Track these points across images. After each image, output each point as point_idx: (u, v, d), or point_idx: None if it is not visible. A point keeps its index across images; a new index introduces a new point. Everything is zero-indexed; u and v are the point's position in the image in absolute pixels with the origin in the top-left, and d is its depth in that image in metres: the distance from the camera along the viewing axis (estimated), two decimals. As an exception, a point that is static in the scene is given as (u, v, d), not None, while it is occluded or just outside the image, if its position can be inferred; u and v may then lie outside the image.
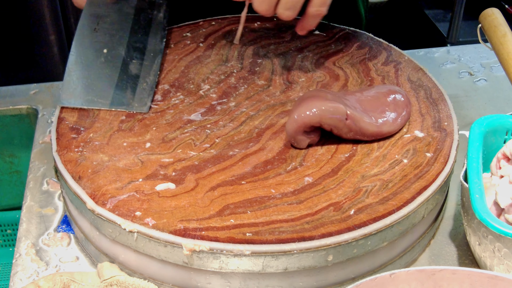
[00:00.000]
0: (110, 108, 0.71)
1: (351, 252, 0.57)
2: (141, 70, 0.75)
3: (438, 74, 0.93)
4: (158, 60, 0.77)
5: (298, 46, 0.83)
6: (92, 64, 0.74)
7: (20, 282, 0.63)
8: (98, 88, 0.72)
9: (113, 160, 0.64)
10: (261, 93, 0.75)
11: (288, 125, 0.64)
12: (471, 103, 0.89)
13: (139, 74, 0.74)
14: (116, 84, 0.72)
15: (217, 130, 0.69)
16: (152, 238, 0.57)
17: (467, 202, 0.61)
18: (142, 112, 0.70)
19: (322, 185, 0.62)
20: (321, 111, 0.63)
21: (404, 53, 0.83)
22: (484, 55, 0.99)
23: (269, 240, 0.56)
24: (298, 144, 0.65)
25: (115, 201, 0.59)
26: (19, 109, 0.88)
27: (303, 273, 0.57)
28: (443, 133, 0.68)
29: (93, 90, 0.71)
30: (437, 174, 0.63)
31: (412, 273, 0.53)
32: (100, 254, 0.63)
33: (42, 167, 0.77)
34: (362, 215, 0.58)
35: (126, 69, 0.74)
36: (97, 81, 0.72)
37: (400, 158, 0.65)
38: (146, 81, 0.74)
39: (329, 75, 0.78)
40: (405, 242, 0.62)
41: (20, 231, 0.69)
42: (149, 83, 0.74)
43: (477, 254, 0.62)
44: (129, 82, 0.73)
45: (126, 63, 0.75)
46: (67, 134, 0.67)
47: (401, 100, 0.69)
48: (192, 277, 0.58)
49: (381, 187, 0.61)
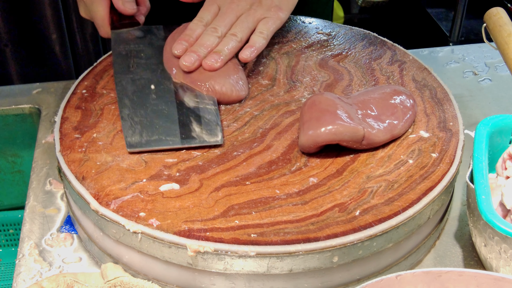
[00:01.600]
0: (182, 145, 0.65)
1: (357, 253, 0.57)
2: (198, 102, 0.70)
3: (442, 73, 0.93)
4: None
5: (302, 45, 0.83)
6: (144, 103, 0.70)
7: (23, 283, 0.63)
8: (161, 126, 0.67)
9: (117, 161, 0.64)
10: (265, 92, 0.75)
11: (303, 139, 0.63)
12: (475, 103, 0.88)
13: (197, 105, 0.70)
14: (179, 119, 0.68)
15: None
16: (156, 239, 0.56)
17: (473, 203, 0.60)
18: (217, 144, 0.66)
19: (327, 186, 0.61)
20: (339, 133, 0.62)
21: (408, 52, 0.82)
22: (489, 54, 0.98)
23: (274, 241, 0.55)
24: (308, 152, 0.65)
25: (119, 201, 0.59)
26: (22, 108, 0.88)
27: (308, 275, 0.57)
28: (448, 133, 0.68)
29: (156, 129, 0.66)
30: (443, 174, 0.63)
31: (418, 274, 0.52)
32: (103, 255, 0.63)
33: (45, 167, 0.76)
34: (367, 216, 0.58)
35: (181, 102, 0.70)
36: (157, 119, 0.68)
37: (405, 158, 0.65)
38: (208, 111, 0.69)
39: (333, 75, 0.77)
40: (410, 243, 0.62)
41: (23, 231, 0.68)
42: (212, 112, 0.69)
43: (483, 255, 0.61)
44: (191, 115, 0.68)
45: (179, 94, 0.71)
46: (71, 134, 0.67)
47: (408, 102, 0.68)
48: (196, 278, 0.58)
49: (387, 187, 0.61)
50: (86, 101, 0.72)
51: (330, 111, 0.64)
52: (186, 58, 0.71)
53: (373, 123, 0.64)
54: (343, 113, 0.63)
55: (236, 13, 0.75)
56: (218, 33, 0.74)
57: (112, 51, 0.77)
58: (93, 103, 0.72)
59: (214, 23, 0.75)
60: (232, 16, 0.75)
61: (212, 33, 0.74)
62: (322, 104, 0.65)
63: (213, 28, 0.74)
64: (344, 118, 0.63)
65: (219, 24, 0.74)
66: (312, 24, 0.88)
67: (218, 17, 0.75)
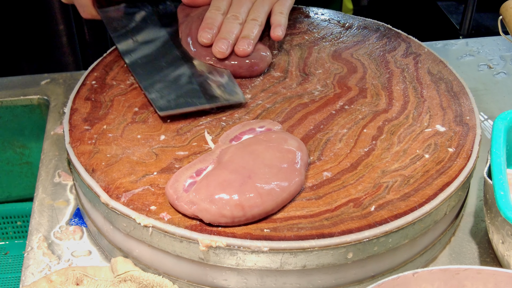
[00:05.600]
0: (210, 105, 0.68)
1: (372, 249, 0.56)
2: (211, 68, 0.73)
3: (456, 66, 0.91)
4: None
5: (315, 37, 0.82)
6: (160, 72, 0.72)
7: (32, 276, 0.62)
8: (184, 89, 0.70)
9: (127, 153, 0.63)
10: (277, 85, 0.73)
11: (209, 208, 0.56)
12: (490, 97, 0.87)
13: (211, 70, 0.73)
14: (197, 82, 0.71)
15: (232, 122, 0.67)
16: (167, 233, 0.55)
17: (490, 199, 0.59)
18: (241, 102, 0.69)
19: (341, 180, 0.60)
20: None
21: (424, 45, 0.81)
22: (504, 47, 0.97)
23: (288, 236, 0.54)
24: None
25: (130, 194, 0.58)
26: (30, 99, 0.87)
27: (322, 271, 0.56)
28: (465, 127, 0.67)
29: (181, 93, 0.69)
30: (460, 169, 0.61)
31: (436, 272, 0.51)
32: (113, 249, 0.62)
33: (53, 159, 0.75)
34: (383, 212, 0.57)
35: (192, 66, 0.73)
36: (177, 85, 0.70)
37: (421, 153, 0.63)
38: (223, 74, 0.72)
39: (346, 67, 0.76)
40: (426, 240, 0.61)
41: (32, 224, 0.67)
42: (225, 74, 0.72)
43: (500, 252, 0.60)
44: (206, 77, 0.71)
45: (188, 61, 0.74)
46: (80, 126, 0.66)
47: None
48: (208, 273, 0.57)
49: (402, 182, 0.60)
50: (95, 92, 0.71)
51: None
52: (220, 44, 0.73)
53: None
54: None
55: None
56: (240, 20, 0.76)
57: (108, 28, 0.78)
58: (103, 95, 0.71)
59: (233, 10, 0.77)
60: (248, 2, 0.78)
61: (234, 20, 0.75)
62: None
63: (234, 16, 0.76)
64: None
65: (238, 11, 0.76)
66: (325, 15, 0.87)
67: (235, 5, 0.77)
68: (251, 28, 0.75)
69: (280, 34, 0.76)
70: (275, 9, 0.78)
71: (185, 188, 0.57)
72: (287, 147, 0.60)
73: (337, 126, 0.67)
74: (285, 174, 0.58)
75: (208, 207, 0.54)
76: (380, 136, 0.65)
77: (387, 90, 0.72)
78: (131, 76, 0.74)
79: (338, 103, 0.70)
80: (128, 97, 0.70)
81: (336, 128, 0.67)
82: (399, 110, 0.69)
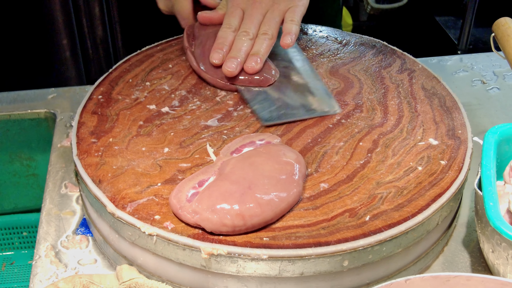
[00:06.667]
0: (310, 116, 0.73)
1: (367, 257, 0.58)
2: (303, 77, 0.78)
3: (451, 82, 0.94)
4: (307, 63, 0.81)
5: (313, 53, 0.85)
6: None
7: (40, 283, 0.64)
8: (281, 101, 0.74)
9: (132, 165, 0.65)
10: (276, 99, 0.76)
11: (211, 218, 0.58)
12: (483, 111, 0.90)
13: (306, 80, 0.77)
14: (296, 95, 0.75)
15: (233, 135, 0.70)
16: (171, 242, 0.58)
17: (481, 209, 0.61)
18: (336, 112, 0.73)
19: (337, 191, 0.63)
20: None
21: (418, 61, 0.83)
22: (497, 63, 1.00)
23: (286, 245, 0.57)
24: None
25: (135, 204, 0.60)
26: (38, 113, 0.90)
27: (319, 278, 0.58)
28: (457, 141, 0.69)
29: (279, 105, 0.74)
30: (452, 181, 0.64)
31: (427, 279, 0.53)
32: (118, 257, 0.64)
33: (60, 170, 0.78)
34: (377, 221, 0.59)
35: (288, 78, 0.77)
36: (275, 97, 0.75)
37: (414, 165, 0.66)
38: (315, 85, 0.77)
39: (343, 83, 0.79)
40: (419, 249, 0.63)
41: (40, 233, 0.70)
42: (319, 87, 0.77)
43: (490, 261, 0.62)
44: (303, 89, 0.76)
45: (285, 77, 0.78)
46: (87, 139, 0.69)
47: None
48: (209, 280, 0.59)
49: (396, 194, 0.62)
50: (102, 106, 0.74)
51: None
52: (229, 64, 0.75)
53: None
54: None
55: (261, 11, 0.79)
56: (250, 35, 0.77)
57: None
58: (109, 109, 0.73)
59: (243, 26, 0.78)
60: (259, 15, 0.78)
61: (244, 37, 0.77)
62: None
63: (245, 32, 0.77)
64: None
65: (249, 26, 0.78)
66: (323, 32, 0.89)
67: (246, 20, 0.78)
68: (261, 43, 0.77)
69: (289, 42, 0.77)
70: (287, 17, 0.79)
71: (188, 198, 0.59)
72: (286, 159, 0.63)
73: (334, 139, 0.69)
74: (284, 185, 0.60)
75: (210, 216, 0.57)
76: (375, 149, 0.68)
77: (382, 105, 0.75)
78: (136, 91, 0.76)
79: (335, 117, 0.73)
80: (133, 111, 0.73)
81: (333, 141, 0.69)
82: (394, 124, 0.72)
